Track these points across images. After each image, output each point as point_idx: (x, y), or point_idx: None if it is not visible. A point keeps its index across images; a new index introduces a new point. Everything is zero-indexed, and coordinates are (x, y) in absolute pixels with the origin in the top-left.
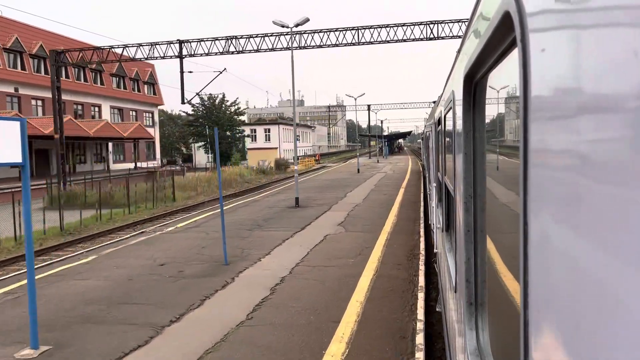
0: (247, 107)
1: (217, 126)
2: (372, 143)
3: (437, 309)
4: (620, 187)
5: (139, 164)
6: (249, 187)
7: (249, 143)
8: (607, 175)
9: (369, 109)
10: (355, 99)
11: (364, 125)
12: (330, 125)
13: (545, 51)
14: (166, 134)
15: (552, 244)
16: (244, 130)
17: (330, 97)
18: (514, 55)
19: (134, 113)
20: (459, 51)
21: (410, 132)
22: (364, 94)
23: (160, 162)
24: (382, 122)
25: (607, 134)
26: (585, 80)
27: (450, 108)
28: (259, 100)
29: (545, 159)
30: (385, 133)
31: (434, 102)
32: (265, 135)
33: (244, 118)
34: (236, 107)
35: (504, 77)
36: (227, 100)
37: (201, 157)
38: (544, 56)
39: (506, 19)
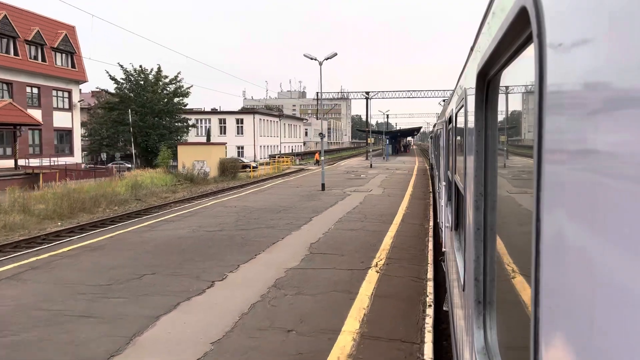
0: (188, 87)
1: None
2: (370, 140)
3: (444, 308)
4: (636, 186)
5: (45, 161)
6: (128, 210)
7: (216, 137)
8: (624, 175)
9: (367, 98)
10: (321, 64)
11: (380, 120)
12: (318, 118)
13: (562, 46)
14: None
15: (566, 243)
16: (186, 119)
17: (335, 89)
18: (530, 51)
19: (35, 90)
20: (472, 48)
21: (420, 128)
22: (336, 54)
23: (81, 159)
24: (387, 116)
25: (626, 133)
26: (603, 77)
27: (462, 106)
28: (257, 93)
29: (561, 157)
30: (395, 130)
31: (444, 100)
32: (238, 127)
33: (187, 101)
34: (177, 85)
35: (518, 74)
36: (166, 77)
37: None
38: (561, 52)
39: (522, 14)
